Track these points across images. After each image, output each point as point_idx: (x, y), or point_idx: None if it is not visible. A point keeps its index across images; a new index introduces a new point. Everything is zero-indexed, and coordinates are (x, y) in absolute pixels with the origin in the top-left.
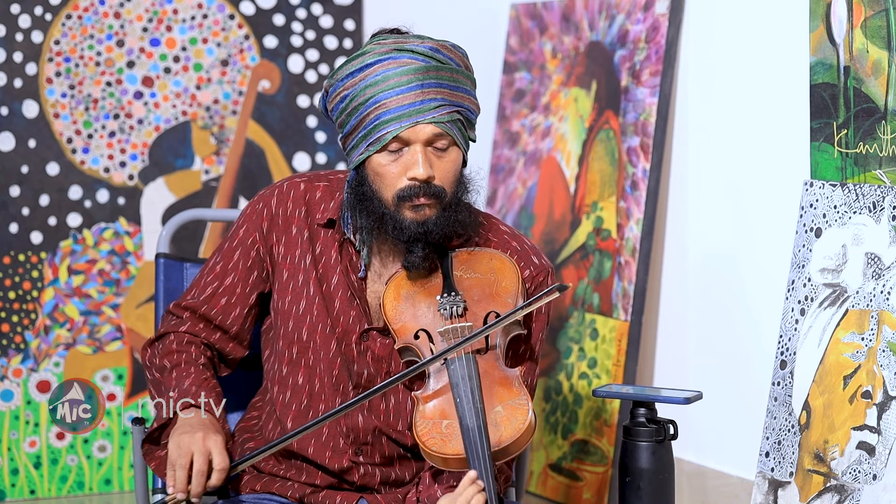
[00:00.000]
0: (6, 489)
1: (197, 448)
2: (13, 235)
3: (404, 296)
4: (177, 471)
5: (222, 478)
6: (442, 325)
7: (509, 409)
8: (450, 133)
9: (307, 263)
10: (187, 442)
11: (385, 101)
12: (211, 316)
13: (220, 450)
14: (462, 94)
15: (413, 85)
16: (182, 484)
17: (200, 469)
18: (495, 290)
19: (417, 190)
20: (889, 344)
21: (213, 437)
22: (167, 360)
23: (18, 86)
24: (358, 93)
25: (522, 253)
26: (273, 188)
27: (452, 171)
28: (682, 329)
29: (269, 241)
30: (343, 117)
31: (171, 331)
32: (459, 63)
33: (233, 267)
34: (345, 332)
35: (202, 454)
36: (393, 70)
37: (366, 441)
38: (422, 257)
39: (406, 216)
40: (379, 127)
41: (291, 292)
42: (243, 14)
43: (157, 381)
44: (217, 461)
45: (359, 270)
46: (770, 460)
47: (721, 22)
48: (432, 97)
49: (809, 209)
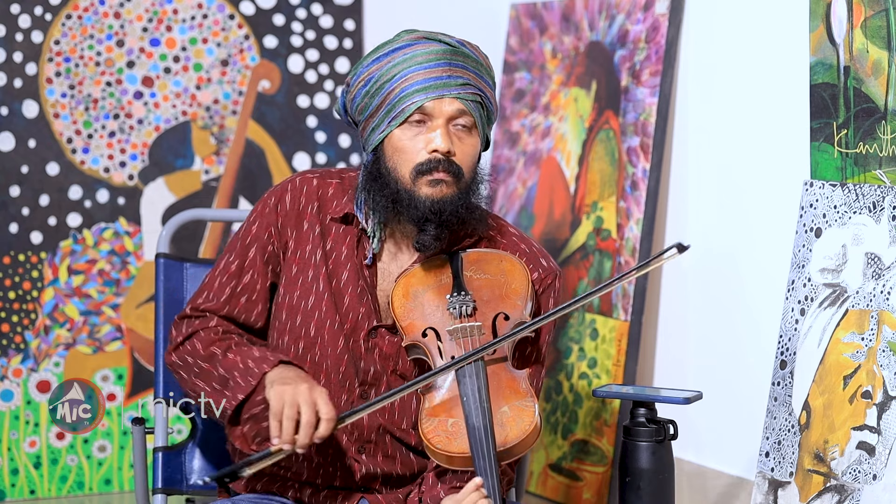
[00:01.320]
0: (6, 489)
1: (304, 399)
2: (13, 235)
3: (413, 293)
4: (284, 421)
5: (331, 427)
6: (451, 324)
7: (516, 409)
8: (472, 113)
9: (317, 259)
10: (291, 392)
11: (411, 75)
12: (234, 315)
13: (325, 400)
14: (484, 84)
15: (442, 61)
16: (289, 434)
17: (309, 420)
18: (505, 292)
19: (437, 164)
20: (889, 344)
21: (318, 388)
22: (214, 347)
23: (18, 86)
24: (384, 72)
25: (531, 255)
26: (285, 183)
27: (471, 155)
28: (682, 329)
29: (284, 235)
30: (365, 100)
31: (199, 328)
32: (483, 60)
33: (249, 264)
34: (353, 329)
35: (309, 405)
36: (422, 50)
37: (369, 439)
38: (433, 237)
39: (422, 192)
40: (404, 99)
41: (300, 287)
42: (243, 14)
43: (205, 372)
44: (324, 411)
45: (365, 261)
46: (770, 460)
47: (721, 22)
48: (459, 75)
49: (809, 209)
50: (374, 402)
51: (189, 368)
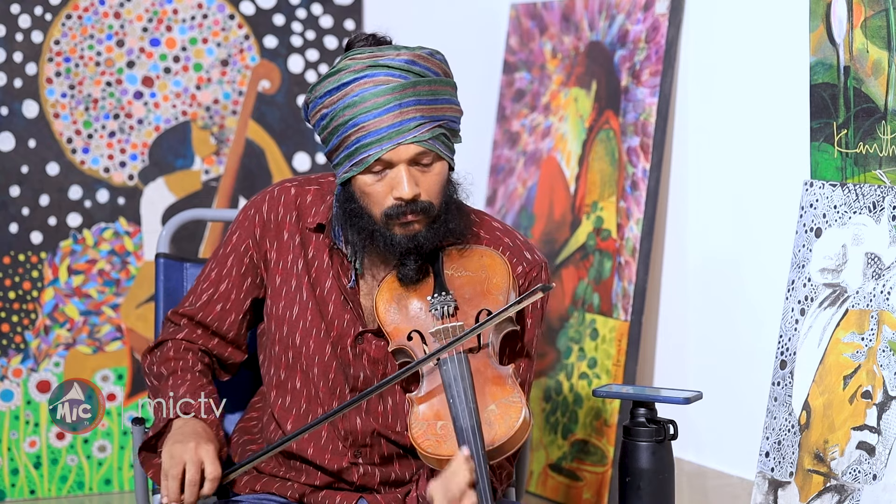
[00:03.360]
0: (6, 489)
1: (189, 457)
2: (13, 235)
3: (396, 297)
4: (169, 481)
5: (214, 486)
6: (434, 326)
7: (503, 407)
8: (432, 149)
9: (299, 268)
10: (179, 451)
11: (364, 124)
12: (207, 322)
13: (211, 459)
14: (442, 106)
15: (391, 106)
16: (175, 493)
17: (192, 479)
18: (486, 288)
19: (404, 209)
20: (889, 344)
21: (205, 446)
22: (164, 367)
23: (18, 86)
24: (337, 113)
25: (514, 249)
26: (264, 194)
27: (438, 184)
28: (682, 329)
29: (263, 246)
30: (325, 134)
31: (168, 338)
32: (438, 71)
33: (226, 273)
34: (339, 336)
35: (194, 464)
36: (370, 90)
37: (364, 443)
38: (415, 269)
39: (396, 232)
40: (361, 150)
41: (285, 297)
42: (243, 14)
43: (154, 388)
44: (209, 470)
45: (350, 278)
46: (770, 460)
47: (721, 22)
48: (412, 116)
49: (809, 209)
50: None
51: (148, 378)
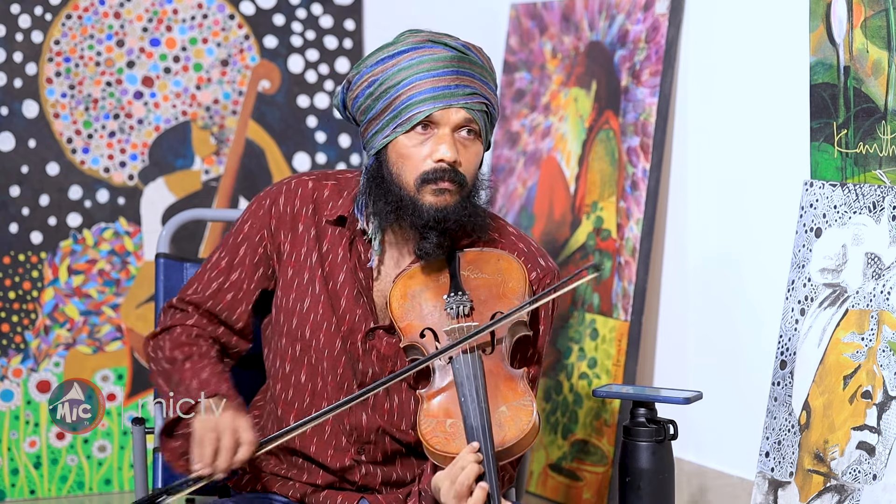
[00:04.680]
0: (6, 489)
1: (224, 425)
2: (13, 235)
3: (411, 294)
4: (204, 447)
5: (251, 451)
6: (448, 325)
7: (514, 409)
8: (478, 122)
9: (313, 261)
10: (213, 420)
11: (419, 83)
12: (216, 311)
13: (246, 427)
14: (489, 90)
15: (449, 70)
16: (208, 459)
17: (227, 445)
18: (502, 291)
19: (443, 173)
20: (889, 344)
21: (242, 416)
22: (178, 352)
23: (18, 86)
24: (389, 76)
25: (529, 255)
26: (281, 185)
27: (475, 163)
28: (682, 329)
29: (277, 238)
30: (369, 102)
31: (177, 324)
32: (487, 64)
33: (238, 262)
34: (350, 331)
35: (229, 431)
36: (428, 56)
37: (368, 440)
38: (435, 244)
39: (426, 200)
40: (411, 107)
41: (296, 290)
42: (243, 14)
43: (166, 373)
44: (245, 436)
45: (368, 265)
46: (770, 460)
47: (721, 22)
48: (467, 84)
49: (809, 209)
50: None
51: (157, 363)
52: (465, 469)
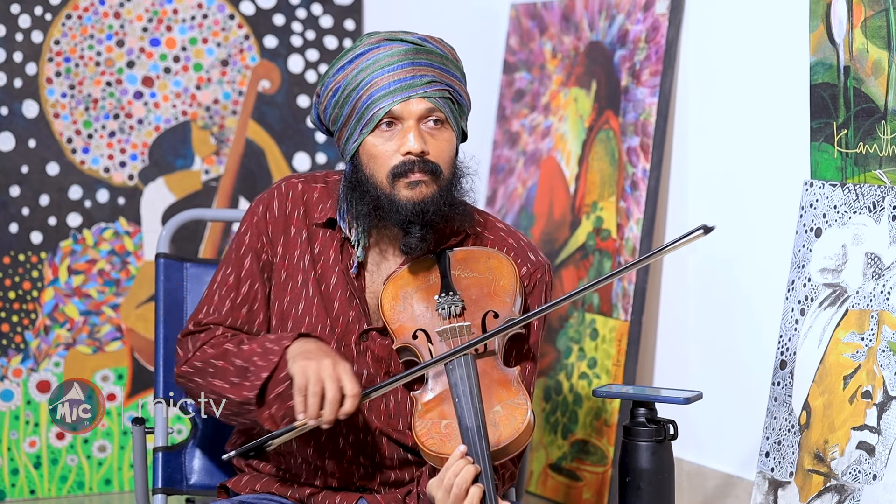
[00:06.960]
0: (6, 489)
1: (328, 374)
2: (13, 235)
3: (402, 296)
4: (309, 398)
5: (356, 404)
6: (440, 325)
7: (508, 408)
8: (442, 109)
9: (306, 264)
10: (315, 368)
11: (376, 80)
12: (238, 327)
13: (350, 376)
14: (451, 77)
15: (404, 63)
16: (315, 410)
17: (334, 397)
18: (493, 290)
19: (412, 165)
20: (889, 344)
21: (342, 363)
22: (228, 345)
23: (18, 86)
24: (350, 80)
25: (519, 250)
26: (271, 190)
27: (447, 151)
28: (682, 329)
29: (275, 242)
30: (336, 111)
31: (207, 339)
32: (448, 53)
33: (246, 275)
34: (344, 333)
35: (333, 380)
36: (384, 53)
37: (366, 441)
38: (419, 238)
39: (402, 196)
40: (371, 105)
41: (290, 292)
42: (243, 14)
43: (220, 370)
44: (349, 388)
45: (351, 271)
46: (770, 460)
47: (721, 22)
48: (423, 73)
49: (809, 209)
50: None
51: (203, 372)
52: (460, 474)
